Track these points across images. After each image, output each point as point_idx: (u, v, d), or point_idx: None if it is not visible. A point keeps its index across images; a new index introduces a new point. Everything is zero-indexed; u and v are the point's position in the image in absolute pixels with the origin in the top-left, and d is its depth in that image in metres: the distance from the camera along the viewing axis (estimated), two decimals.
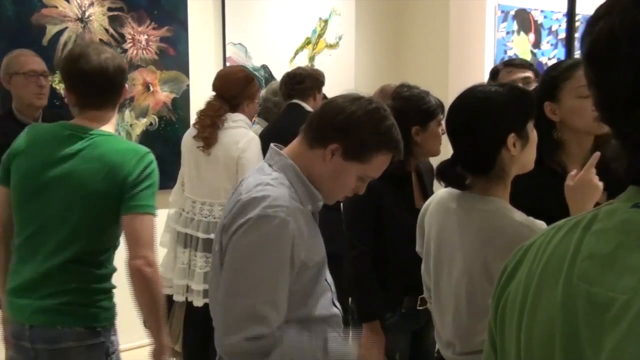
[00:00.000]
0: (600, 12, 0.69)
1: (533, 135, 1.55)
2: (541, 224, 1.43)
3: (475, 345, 1.51)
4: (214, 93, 2.99)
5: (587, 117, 1.65)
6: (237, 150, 2.83)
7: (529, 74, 2.56)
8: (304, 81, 3.43)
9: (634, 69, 0.64)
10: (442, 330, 1.65)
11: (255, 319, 1.37)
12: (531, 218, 1.46)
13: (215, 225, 2.83)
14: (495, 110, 1.49)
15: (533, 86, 2.51)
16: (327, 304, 1.56)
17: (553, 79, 1.74)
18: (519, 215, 1.47)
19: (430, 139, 2.25)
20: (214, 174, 2.88)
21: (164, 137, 3.99)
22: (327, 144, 1.49)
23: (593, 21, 0.69)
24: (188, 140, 3.01)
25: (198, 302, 2.87)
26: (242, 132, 2.90)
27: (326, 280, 1.58)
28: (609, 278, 0.64)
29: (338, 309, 1.60)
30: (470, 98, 1.54)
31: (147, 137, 4.00)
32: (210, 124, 2.87)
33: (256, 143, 2.89)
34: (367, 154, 1.49)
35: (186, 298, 2.93)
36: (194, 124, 2.98)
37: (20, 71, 2.71)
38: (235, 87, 2.95)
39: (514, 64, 2.69)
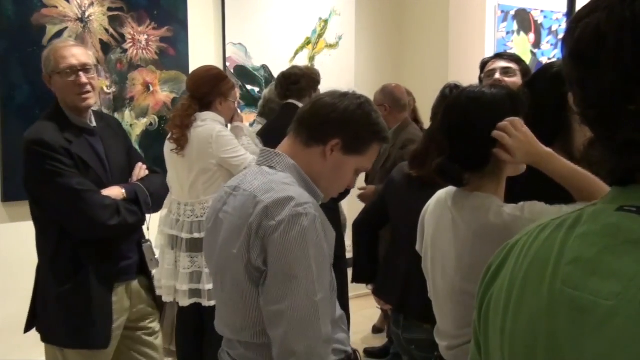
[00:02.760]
0: (583, 12, 0.68)
1: None
2: (535, 208, 1.45)
3: None
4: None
5: None
6: (217, 152, 2.81)
7: (511, 64, 2.53)
8: (300, 81, 3.41)
9: (622, 66, 0.63)
10: (442, 325, 1.68)
11: (314, 324, 1.38)
12: (520, 204, 1.48)
13: (199, 225, 2.84)
14: (488, 105, 1.54)
15: (514, 79, 2.48)
16: (335, 303, 1.57)
17: None
18: (504, 207, 1.50)
19: None
20: (190, 175, 2.88)
21: (163, 137, 3.94)
22: (327, 140, 1.51)
23: (576, 20, 0.69)
24: (167, 143, 3.00)
25: (184, 302, 2.87)
26: (208, 130, 2.86)
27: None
28: (593, 283, 0.64)
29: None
30: (463, 98, 1.58)
31: (147, 137, 4.00)
32: (179, 125, 2.85)
33: (221, 135, 2.86)
34: (364, 146, 1.55)
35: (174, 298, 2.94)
36: (167, 126, 2.97)
37: (57, 70, 2.22)
38: (205, 85, 2.90)
39: (500, 55, 2.66)
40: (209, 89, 2.90)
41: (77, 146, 2.18)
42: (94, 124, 2.29)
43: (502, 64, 2.52)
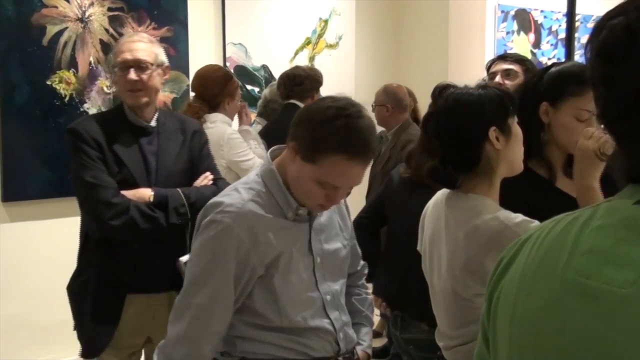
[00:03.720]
0: (610, 15, 0.69)
1: (517, 130, 1.57)
2: (523, 221, 1.45)
3: (469, 336, 1.55)
4: (193, 94, 2.97)
5: (574, 138, 1.67)
6: (227, 154, 2.82)
7: (513, 66, 2.52)
8: (303, 83, 3.42)
9: None
10: (440, 326, 1.69)
11: (183, 319, 1.44)
12: (511, 214, 1.48)
13: None
14: (473, 106, 1.54)
15: (517, 81, 2.46)
16: (311, 314, 1.53)
17: (561, 86, 1.69)
18: (496, 212, 1.49)
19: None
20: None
21: None
22: (289, 142, 1.47)
23: (603, 21, 0.70)
24: None
25: None
26: (219, 132, 2.86)
27: (318, 289, 1.55)
28: (607, 271, 0.64)
29: (330, 319, 1.57)
30: (450, 100, 1.58)
31: None
32: None
33: (232, 138, 2.88)
34: (317, 154, 1.39)
35: None
36: None
37: (113, 63, 2.18)
38: (215, 86, 2.91)
39: (504, 57, 2.64)
40: (218, 90, 2.91)
41: (120, 143, 2.10)
42: (152, 123, 2.18)
43: (504, 66, 2.50)
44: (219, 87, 2.91)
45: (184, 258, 2.05)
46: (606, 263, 0.65)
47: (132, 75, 2.10)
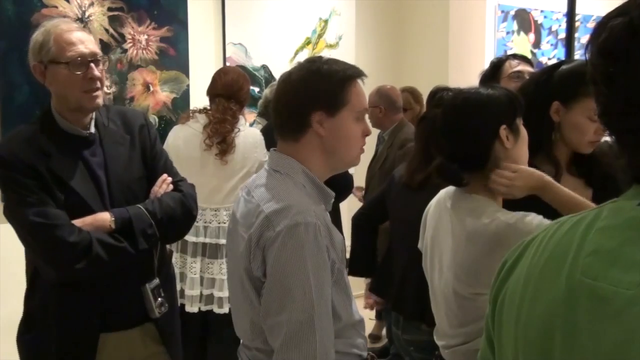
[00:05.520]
0: (611, 15, 0.70)
1: (523, 130, 1.57)
2: (521, 216, 1.46)
3: (469, 335, 1.55)
4: (221, 96, 2.90)
5: (585, 138, 1.69)
6: (260, 156, 2.83)
7: (533, 70, 2.52)
8: None
9: None
10: (439, 325, 1.70)
11: (309, 340, 1.31)
12: (509, 213, 1.49)
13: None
14: (484, 105, 1.54)
15: None
16: (355, 308, 1.52)
17: (575, 85, 1.67)
18: (496, 212, 1.50)
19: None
20: (231, 180, 2.82)
21: (163, 137, 3.98)
22: (310, 120, 1.44)
23: (604, 22, 0.70)
24: (191, 143, 2.87)
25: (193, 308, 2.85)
26: (252, 134, 2.89)
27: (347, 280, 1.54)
28: (613, 273, 0.65)
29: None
30: (460, 99, 1.58)
31: None
32: (231, 130, 2.80)
33: (262, 139, 2.91)
34: (341, 96, 1.45)
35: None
36: (207, 128, 2.82)
37: (60, 59, 1.71)
38: (247, 91, 2.94)
39: (521, 57, 2.63)
40: (247, 94, 2.94)
41: (59, 161, 1.72)
42: (92, 129, 1.82)
43: (529, 68, 2.49)
44: (248, 90, 2.95)
45: (152, 284, 1.87)
46: (612, 264, 0.65)
47: (96, 72, 1.74)
